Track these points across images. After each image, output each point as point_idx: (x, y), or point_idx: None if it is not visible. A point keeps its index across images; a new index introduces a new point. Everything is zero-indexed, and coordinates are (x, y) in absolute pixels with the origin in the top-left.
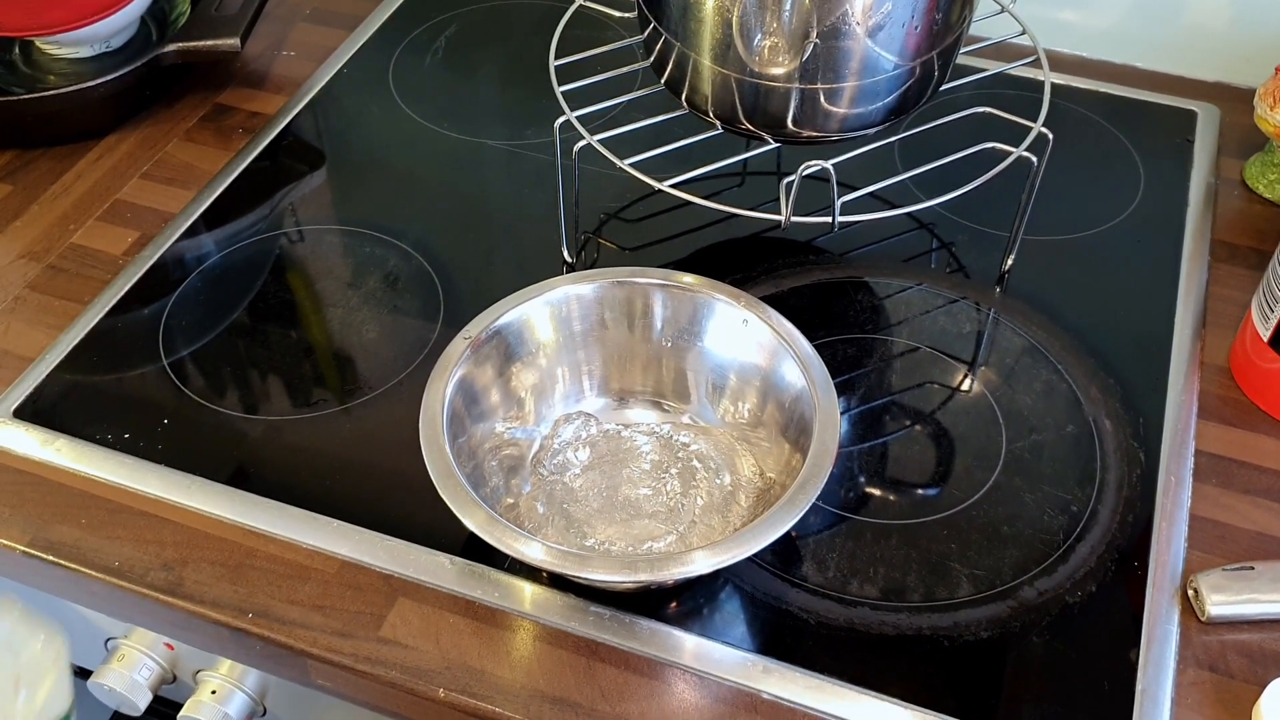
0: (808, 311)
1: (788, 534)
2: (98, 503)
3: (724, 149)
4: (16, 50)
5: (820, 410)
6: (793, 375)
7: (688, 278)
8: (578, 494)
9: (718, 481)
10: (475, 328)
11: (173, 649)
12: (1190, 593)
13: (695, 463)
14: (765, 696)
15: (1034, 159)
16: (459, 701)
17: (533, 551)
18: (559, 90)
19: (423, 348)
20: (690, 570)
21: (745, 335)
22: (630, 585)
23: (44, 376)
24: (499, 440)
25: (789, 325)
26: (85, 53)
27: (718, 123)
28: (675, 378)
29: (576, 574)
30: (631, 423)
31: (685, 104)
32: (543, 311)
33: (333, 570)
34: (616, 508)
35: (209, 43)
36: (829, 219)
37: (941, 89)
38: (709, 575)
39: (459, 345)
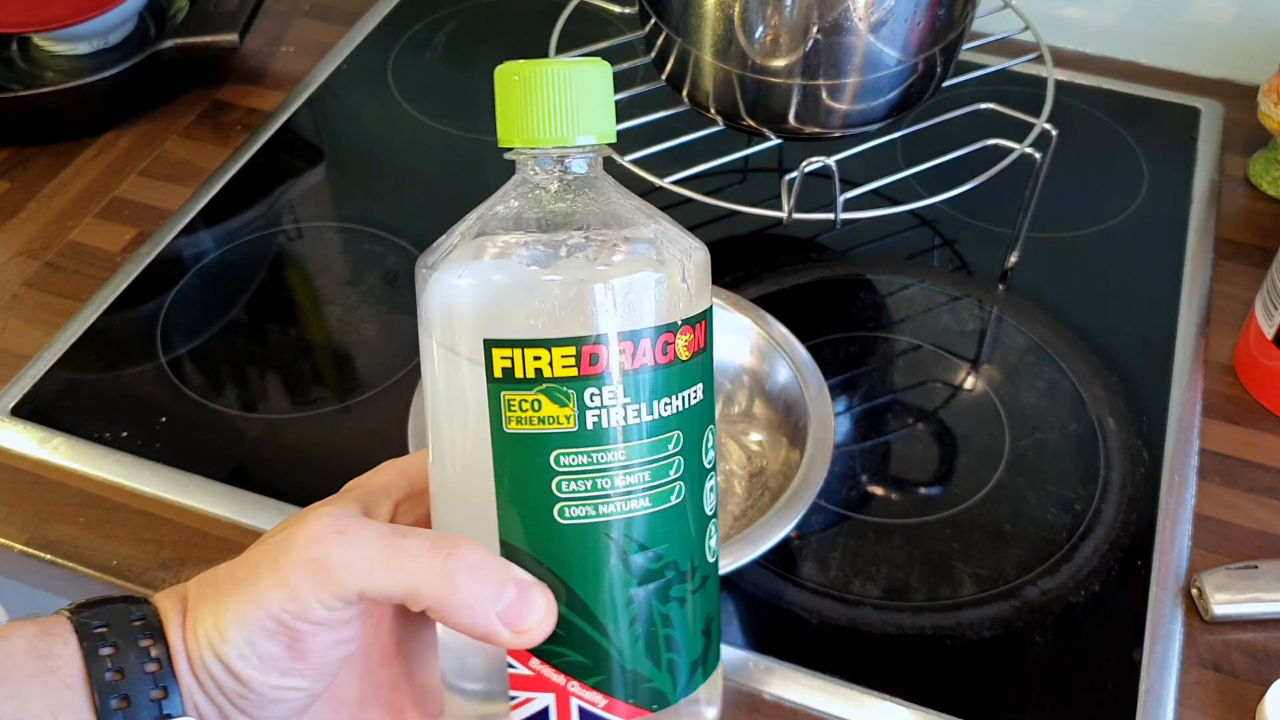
0: (810, 309)
1: (788, 535)
2: (96, 501)
3: (725, 145)
4: (14, 46)
5: (814, 416)
6: (786, 379)
7: None
8: None
9: None
10: None
11: None
12: (1194, 592)
13: None
14: (767, 697)
15: (1037, 156)
16: None
17: None
18: None
19: None
20: None
21: (739, 339)
22: None
23: (42, 374)
24: None
25: (783, 328)
26: (83, 49)
27: (719, 119)
28: None
29: None
30: None
31: (686, 100)
32: None
33: None
34: None
35: (207, 39)
36: (831, 216)
37: (944, 85)
38: None
39: None
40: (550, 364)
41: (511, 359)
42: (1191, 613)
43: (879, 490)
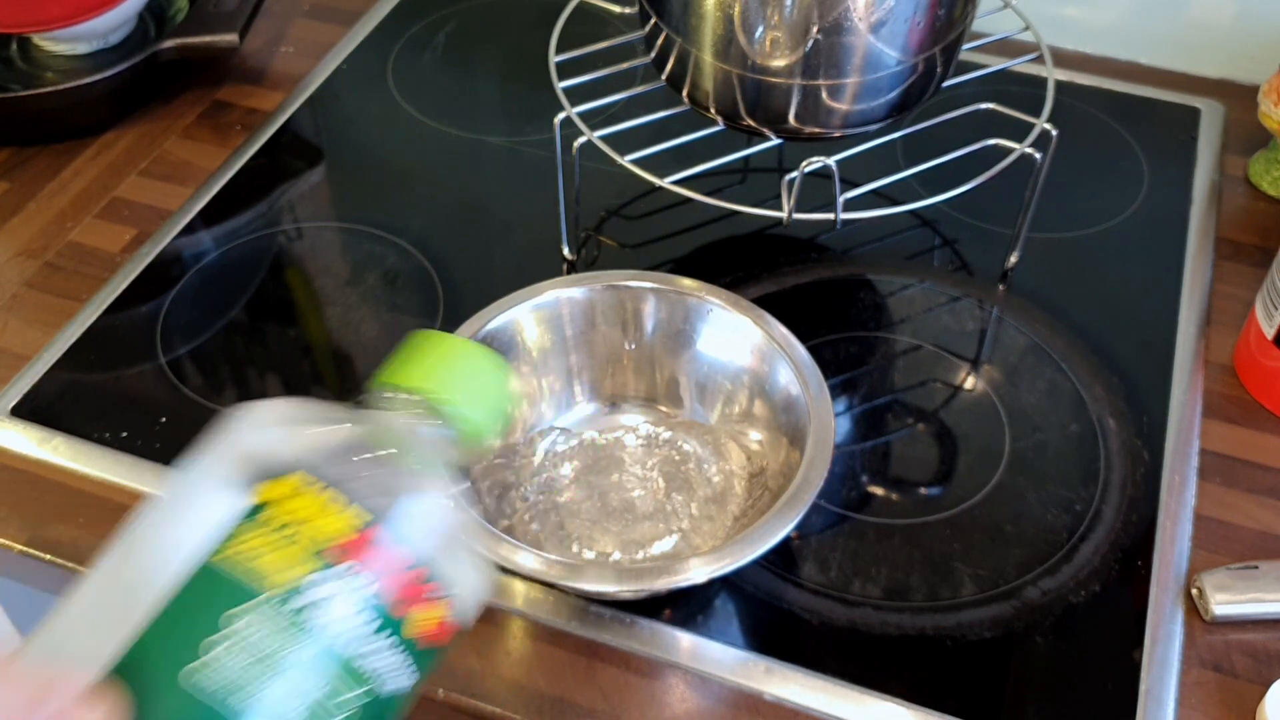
0: (810, 309)
1: (789, 536)
2: (96, 502)
3: (725, 145)
4: (14, 46)
5: (814, 417)
6: (787, 379)
7: (681, 281)
8: (569, 508)
9: (707, 470)
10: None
11: None
12: (1194, 592)
13: (677, 457)
14: (767, 697)
15: (1037, 156)
16: (459, 701)
17: (524, 562)
18: (559, 86)
19: None
20: (686, 580)
21: (739, 339)
22: (628, 595)
23: (41, 375)
24: (488, 464)
25: (783, 329)
26: (83, 49)
27: (719, 119)
28: (668, 382)
29: (569, 585)
30: (616, 427)
31: (687, 100)
32: (531, 316)
33: None
34: (611, 515)
35: (207, 39)
36: (831, 216)
37: (944, 85)
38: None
39: None
40: (323, 517)
41: (278, 497)
42: (1192, 613)
43: (879, 490)
